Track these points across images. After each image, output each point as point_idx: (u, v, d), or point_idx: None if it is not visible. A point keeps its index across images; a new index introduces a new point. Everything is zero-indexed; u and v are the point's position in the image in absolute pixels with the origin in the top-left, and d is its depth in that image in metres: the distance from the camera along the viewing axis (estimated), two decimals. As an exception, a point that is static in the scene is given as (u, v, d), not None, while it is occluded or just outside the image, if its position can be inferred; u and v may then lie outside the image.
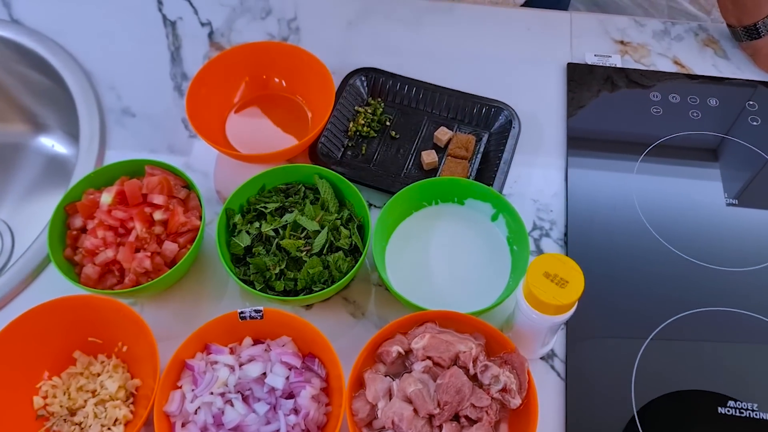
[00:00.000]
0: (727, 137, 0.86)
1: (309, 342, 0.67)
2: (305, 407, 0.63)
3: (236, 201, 0.74)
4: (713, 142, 0.86)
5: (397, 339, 0.65)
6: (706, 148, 0.85)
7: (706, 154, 0.85)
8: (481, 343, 0.65)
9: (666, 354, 0.70)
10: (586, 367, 0.70)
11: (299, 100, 0.88)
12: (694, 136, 0.86)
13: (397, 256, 0.75)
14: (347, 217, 0.74)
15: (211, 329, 0.66)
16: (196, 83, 0.82)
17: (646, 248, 0.77)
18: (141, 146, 0.86)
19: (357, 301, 0.75)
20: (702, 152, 0.85)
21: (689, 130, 0.87)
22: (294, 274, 0.70)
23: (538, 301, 0.60)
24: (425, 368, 0.63)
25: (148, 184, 0.73)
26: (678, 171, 0.83)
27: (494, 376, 0.62)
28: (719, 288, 0.74)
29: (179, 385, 0.64)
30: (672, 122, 0.87)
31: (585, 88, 0.90)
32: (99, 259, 0.70)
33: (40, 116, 1.04)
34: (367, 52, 0.93)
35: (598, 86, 0.91)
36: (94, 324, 0.68)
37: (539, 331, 0.65)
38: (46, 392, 0.67)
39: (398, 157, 0.84)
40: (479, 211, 0.77)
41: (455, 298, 0.72)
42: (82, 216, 0.73)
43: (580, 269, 0.60)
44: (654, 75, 0.92)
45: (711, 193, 0.81)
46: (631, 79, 0.91)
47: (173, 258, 0.71)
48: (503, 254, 0.74)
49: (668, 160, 0.84)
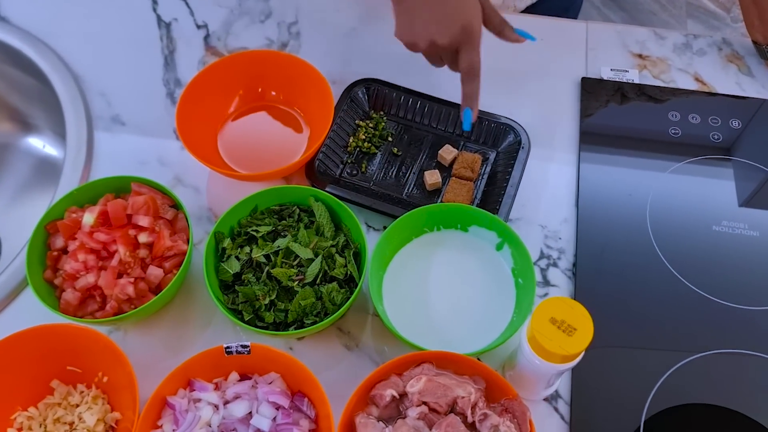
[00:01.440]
0: (750, 163, 0.81)
1: (298, 379, 0.63)
2: (292, 452, 0.59)
3: (226, 223, 0.70)
4: (735, 169, 0.81)
5: (392, 381, 0.61)
6: (727, 175, 0.81)
7: (726, 182, 0.80)
8: (480, 387, 0.61)
9: (677, 398, 0.66)
10: (592, 410, 0.66)
11: (297, 113, 0.84)
12: (715, 161, 0.81)
13: (396, 286, 0.71)
14: (343, 244, 0.70)
15: (195, 364, 0.62)
16: (187, 95, 0.77)
17: (660, 283, 0.73)
18: (130, 157, 0.82)
19: (352, 332, 0.71)
20: (722, 179, 0.80)
21: (709, 154, 0.82)
22: (285, 305, 0.66)
23: (543, 349, 0.56)
24: (420, 414, 0.59)
25: (133, 204, 0.69)
26: (695, 200, 0.79)
27: (494, 425, 0.58)
28: (735, 328, 0.70)
29: (159, 425, 0.61)
30: (691, 145, 0.82)
31: (600, 105, 0.85)
32: (80, 283, 0.66)
33: (29, 116, 1.00)
34: (370, 59, 0.88)
35: (614, 103, 0.86)
36: (72, 353, 0.65)
37: (543, 376, 0.61)
38: (21, 424, 0.64)
39: (400, 176, 0.79)
40: (484, 239, 0.72)
41: (455, 334, 0.68)
42: (64, 236, 0.69)
43: (589, 315, 0.56)
44: (673, 92, 0.86)
45: (730, 224, 0.77)
46: (650, 95, 0.86)
47: (158, 284, 0.67)
48: (508, 287, 0.70)
49: (685, 186, 0.79)
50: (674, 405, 0.66)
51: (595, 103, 0.85)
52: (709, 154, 0.82)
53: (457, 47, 0.69)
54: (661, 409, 0.66)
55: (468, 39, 0.69)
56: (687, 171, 0.81)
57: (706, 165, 0.81)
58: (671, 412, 0.66)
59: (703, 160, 0.82)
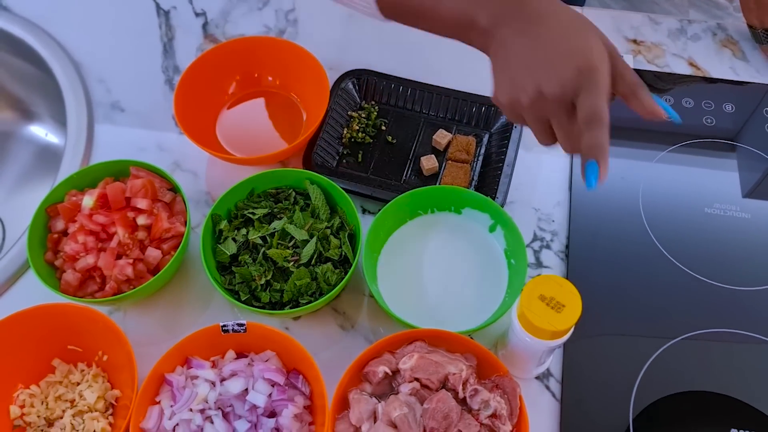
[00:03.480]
0: (742, 146, 0.82)
1: (293, 357, 0.64)
2: (287, 427, 0.60)
3: (223, 206, 0.71)
4: (727, 152, 0.82)
5: (385, 358, 0.62)
6: (720, 158, 0.81)
7: (719, 165, 0.81)
8: (472, 364, 0.62)
9: (667, 377, 0.67)
10: (583, 389, 0.67)
11: (293, 98, 0.85)
12: (708, 144, 0.82)
13: (390, 267, 0.72)
14: (338, 226, 0.71)
15: (193, 342, 0.64)
16: (184, 81, 0.78)
17: (652, 264, 0.74)
18: (129, 143, 0.83)
19: (347, 313, 0.72)
20: (715, 162, 0.81)
21: (702, 137, 0.82)
22: (280, 285, 0.67)
23: (533, 325, 0.57)
24: (412, 390, 0.60)
25: (131, 187, 0.70)
26: (688, 182, 0.79)
27: (484, 401, 0.59)
28: (727, 307, 0.71)
29: (158, 401, 0.62)
30: (684, 129, 0.83)
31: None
32: (79, 265, 0.67)
33: (30, 104, 1.01)
34: (367, 47, 0.89)
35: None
36: (73, 332, 0.66)
37: (534, 354, 0.62)
38: (23, 401, 0.65)
39: (396, 164, 0.80)
40: (477, 221, 0.73)
41: (448, 313, 0.69)
42: (64, 219, 0.70)
43: (578, 293, 0.57)
44: (668, 77, 0.87)
45: (723, 206, 0.77)
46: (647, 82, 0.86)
47: (156, 265, 0.69)
48: (500, 268, 0.71)
49: (678, 169, 0.80)
50: (664, 383, 0.67)
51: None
52: (702, 138, 0.82)
53: (573, 95, 0.51)
54: (652, 388, 0.66)
55: (587, 82, 0.51)
56: (680, 154, 0.81)
57: (699, 148, 0.82)
58: (661, 391, 0.66)
59: (696, 143, 0.82)
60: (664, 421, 0.65)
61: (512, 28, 0.54)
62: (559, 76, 0.51)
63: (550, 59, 0.52)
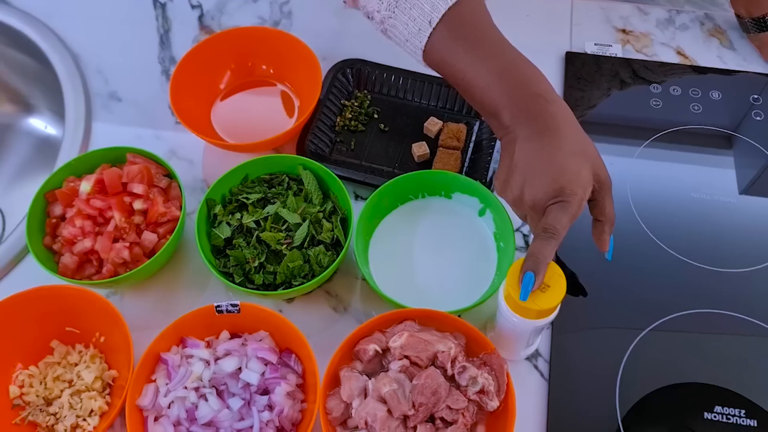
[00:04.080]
0: (728, 132, 0.83)
1: (286, 337, 0.66)
2: (279, 404, 0.62)
3: (218, 191, 0.73)
4: (714, 138, 0.83)
5: (375, 337, 0.64)
6: (706, 144, 0.83)
7: (705, 150, 0.82)
8: (461, 343, 0.63)
9: (652, 357, 0.69)
10: (570, 368, 0.68)
11: (287, 88, 0.86)
12: (694, 130, 0.83)
13: (381, 250, 0.73)
14: (330, 210, 0.72)
15: (188, 322, 0.65)
16: (180, 70, 0.80)
17: (638, 246, 0.75)
18: (127, 132, 0.85)
19: (340, 295, 0.73)
20: (701, 148, 0.82)
21: (689, 123, 0.84)
22: (274, 268, 0.69)
23: (519, 305, 0.58)
24: (402, 368, 0.61)
25: (128, 172, 0.71)
26: (675, 167, 0.81)
27: (472, 377, 0.60)
28: (710, 289, 0.72)
29: (153, 379, 0.64)
30: (672, 115, 0.84)
31: (583, 78, 0.87)
32: (77, 248, 0.69)
33: (29, 97, 1.03)
34: (361, 38, 0.91)
35: (598, 76, 0.88)
36: (71, 314, 0.68)
37: (521, 335, 0.64)
38: (22, 381, 0.67)
39: (389, 151, 0.82)
40: (467, 205, 0.75)
41: (439, 295, 0.70)
42: (62, 204, 0.72)
43: (562, 273, 0.58)
44: (657, 66, 0.88)
45: (709, 190, 0.79)
46: (638, 74, 0.88)
47: (152, 248, 0.70)
48: (489, 251, 0.72)
49: (665, 154, 0.82)
50: (651, 363, 0.68)
51: (579, 77, 0.87)
52: (689, 125, 0.84)
53: (545, 205, 0.58)
54: (638, 367, 0.68)
55: (561, 201, 0.57)
56: (668, 141, 0.83)
57: (686, 134, 0.83)
58: (647, 370, 0.68)
59: (683, 130, 0.84)
60: (651, 398, 0.66)
61: (525, 132, 0.60)
62: (542, 187, 0.58)
63: (542, 170, 0.58)
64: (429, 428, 0.59)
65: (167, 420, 0.61)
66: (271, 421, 0.61)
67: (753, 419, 0.65)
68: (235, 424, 0.61)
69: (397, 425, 0.59)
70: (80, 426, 0.64)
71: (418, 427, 0.59)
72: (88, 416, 0.65)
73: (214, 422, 0.62)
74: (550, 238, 0.57)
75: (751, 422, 0.65)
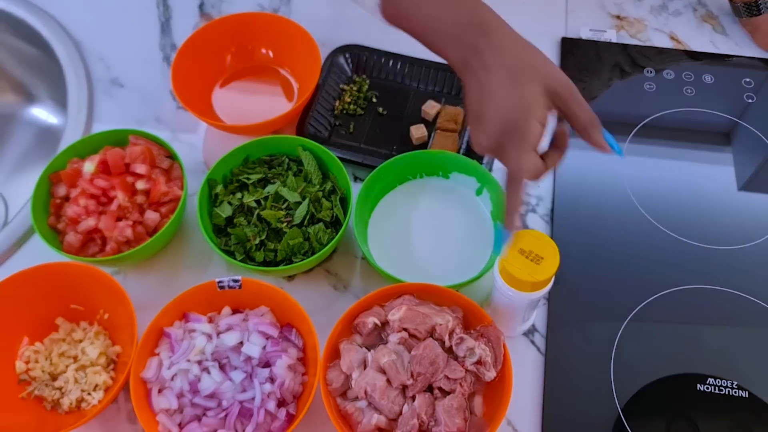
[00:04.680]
0: (720, 115, 0.85)
1: (287, 312, 0.67)
2: (281, 376, 0.63)
3: (219, 171, 0.74)
4: (706, 120, 0.84)
5: (374, 311, 0.65)
6: (699, 126, 0.84)
7: (698, 132, 0.84)
8: (458, 316, 0.65)
9: (647, 330, 0.70)
10: (566, 343, 0.70)
11: (286, 72, 0.88)
12: (688, 113, 0.85)
13: (380, 229, 0.74)
14: (330, 190, 0.74)
15: (190, 298, 0.66)
16: (181, 55, 0.81)
17: (633, 225, 0.76)
18: (129, 117, 0.86)
19: (339, 274, 0.75)
20: (694, 130, 0.84)
21: (683, 107, 0.85)
22: (274, 245, 0.70)
23: (513, 278, 0.59)
24: (400, 340, 0.63)
25: (130, 153, 0.73)
26: (669, 148, 0.82)
27: (469, 348, 0.62)
28: (704, 266, 0.74)
29: (156, 352, 0.65)
30: (665, 99, 0.86)
31: (578, 64, 0.89)
32: (81, 227, 0.70)
33: (31, 86, 1.04)
34: (359, 25, 0.92)
35: (599, 66, 0.89)
36: (76, 291, 0.69)
37: (517, 309, 0.65)
38: (28, 357, 0.68)
39: (387, 134, 0.83)
40: (464, 185, 0.76)
41: (437, 272, 0.71)
42: (66, 185, 0.73)
43: (555, 245, 0.59)
44: (655, 54, 0.90)
45: (702, 170, 0.80)
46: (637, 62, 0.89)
47: (155, 227, 0.71)
48: (486, 229, 0.74)
49: (660, 136, 0.83)
50: (644, 336, 0.69)
51: (574, 62, 0.89)
52: (682, 107, 0.85)
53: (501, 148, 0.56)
54: (632, 339, 0.69)
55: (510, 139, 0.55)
56: (662, 121, 0.84)
57: (679, 117, 0.85)
58: (641, 342, 0.69)
59: (676, 112, 0.85)
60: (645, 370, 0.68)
61: (469, 73, 0.58)
62: (488, 131, 0.56)
63: (483, 114, 0.56)
64: (427, 398, 0.60)
65: (171, 392, 0.63)
66: (273, 392, 0.63)
67: (744, 391, 0.66)
68: (237, 396, 0.63)
69: (396, 395, 0.60)
70: (85, 400, 0.66)
71: (416, 396, 0.60)
72: (93, 390, 0.66)
73: (216, 394, 0.63)
74: (516, 186, 0.56)
75: (742, 393, 0.66)
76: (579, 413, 0.66)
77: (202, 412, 0.63)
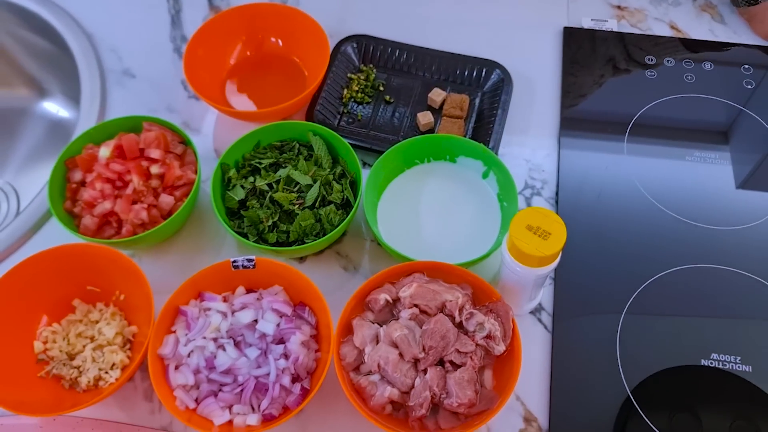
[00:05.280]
0: (720, 100, 0.86)
1: (300, 291, 0.68)
2: (295, 352, 0.64)
3: (231, 156, 0.76)
4: (706, 105, 0.86)
5: (386, 288, 0.66)
6: (700, 110, 0.86)
7: (699, 116, 0.85)
8: (467, 293, 0.66)
9: (651, 308, 0.71)
10: (573, 321, 0.71)
11: (296, 61, 0.90)
12: (688, 98, 0.87)
13: (389, 211, 0.76)
14: (340, 173, 0.75)
15: (205, 277, 0.68)
16: (193, 44, 0.83)
17: (636, 207, 0.78)
18: (140, 106, 0.88)
19: (350, 256, 0.76)
20: (695, 114, 0.85)
21: (683, 92, 0.87)
22: (286, 227, 0.71)
23: (522, 253, 0.60)
24: (412, 315, 0.64)
25: (145, 138, 0.74)
26: (671, 132, 0.84)
27: (479, 323, 0.63)
28: (706, 246, 0.75)
29: (173, 330, 0.66)
30: (666, 85, 0.88)
31: (580, 52, 0.91)
32: (97, 210, 0.71)
33: (43, 81, 1.05)
34: (365, 15, 0.94)
35: (595, 51, 0.91)
36: (92, 272, 0.70)
37: (525, 285, 0.66)
38: (46, 337, 0.69)
39: (394, 121, 0.85)
40: (470, 168, 0.78)
41: (445, 253, 0.73)
42: (82, 170, 0.74)
43: (562, 221, 0.61)
44: (651, 46, 0.91)
45: (703, 154, 0.82)
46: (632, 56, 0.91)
47: (169, 210, 0.73)
48: (493, 210, 0.75)
49: (662, 121, 0.85)
50: (648, 311, 0.71)
51: (578, 52, 0.91)
52: (683, 93, 0.87)
53: None
54: (637, 316, 0.71)
55: None
56: (663, 107, 0.86)
57: (680, 103, 0.86)
58: (645, 318, 0.71)
59: (677, 98, 0.87)
60: (649, 345, 0.69)
61: None
62: None
63: None
64: (439, 371, 0.62)
65: (187, 368, 0.64)
66: (287, 368, 0.64)
67: (748, 365, 0.68)
68: (252, 371, 0.64)
69: (408, 368, 0.62)
70: (102, 378, 0.67)
71: (428, 369, 0.62)
72: (110, 369, 0.67)
73: (232, 370, 0.64)
74: None
75: (746, 368, 0.68)
76: (586, 389, 0.67)
77: (218, 387, 0.64)
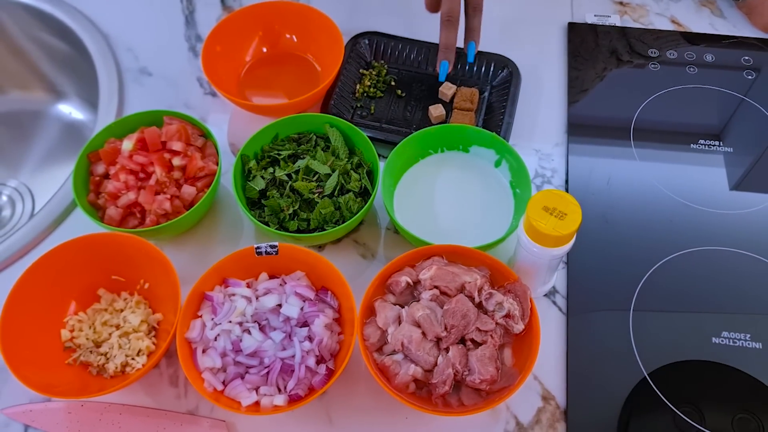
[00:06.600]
0: (722, 90, 0.89)
1: (322, 276, 0.70)
2: (319, 334, 0.66)
3: (251, 148, 0.78)
4: (709, 95, 0.89)
5: (406, 271, 0.68)
6: (703, 101, 0.88)
7: (702, 106, 0.88)
8: (485, 275, 0.68)
9: (662, 291, 0.73)
10: (587, 303, 0.73)
11: (310, 59, 0.92)
12: (691, 89, 0.89)
13: (405, 200, 0.78)
14: (357, 163, 0.77)
15: (229, 264, 0.69)
16: (210, 41, 0.85)
17: (643, 193, 0.80)
18: (158, 103, 0.90)
19: (367, 243, 0.78)
20: (698, 104, 0.88)
21: (686, 84, 0.90)
22: (307, 215, 0.73)
23: (538, 233, 0.62)
24: (432, 296, 0.66)
25: (167, 131, 0.76)
26: (675, 122, 0.86)
27: (498, 303, 0.65)
28: (713, 229, 0.77)
29: (199, 315, 0.68)
30: (669, 77, 0.90)
31: (584, 46, 0.93)
32: (121, 201, 0.73)
33: (59, 84, 1.07)
34: (377, 12, 0.97)
35: (598, 45, 0.94)
36: (117, 262, 0.72)
37: (540, 267, 0.68)
38: (72, 326, 0.71)
39: (406, 114, 0.87)
40: (483, 157, 0.80)
41: (460, 238, 0.74)
42: (105, 162, 0.76)
43: (577, 203, 0.63)
44: (653, 40, 0.94)
45: (707, 142, 0.84)
46: (634, 49, 0.94)
47: (191, 201, 0.75)
48: (506, 197, 0.78)
49: (666, 110, 0.87)
50: (659, 292, 0.73)
51: (581, 46, 0.93)
52: (686, 84, 0.90)
53: None
54: (648, 298, 0.73)
55: None
56: (667, 98, 0.88)
57: (683, 93, 0.89)
58: (656, 300, 0.73)
59: (680, 89, 0.89)
60: (662, 326, 0.71)
61: None
62: None
63: None
64: (461, 349, 0.64)
65: (214, 351, 0.66)
66: (312, 350, 0.66)
67: (758, 342, 0.70)
68: (278, 353, 0.66)
69: (431, 347, 0.63)
70: (129, 365, 0.68)
71: (450, 348, 0.63)
72: (136, 355, 0.68)
73: (258, 352, 0.66)
74: (450, 25, 0.79)
75: (756, 345, 0.70)
76: (602, 369, 0.69)
77: (245, 370, 0.66)
